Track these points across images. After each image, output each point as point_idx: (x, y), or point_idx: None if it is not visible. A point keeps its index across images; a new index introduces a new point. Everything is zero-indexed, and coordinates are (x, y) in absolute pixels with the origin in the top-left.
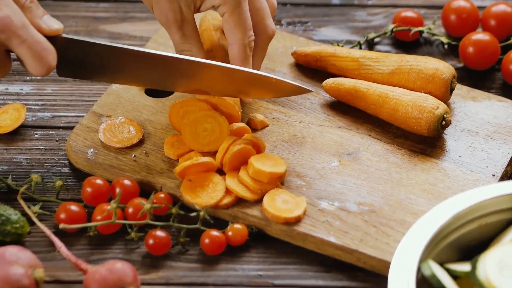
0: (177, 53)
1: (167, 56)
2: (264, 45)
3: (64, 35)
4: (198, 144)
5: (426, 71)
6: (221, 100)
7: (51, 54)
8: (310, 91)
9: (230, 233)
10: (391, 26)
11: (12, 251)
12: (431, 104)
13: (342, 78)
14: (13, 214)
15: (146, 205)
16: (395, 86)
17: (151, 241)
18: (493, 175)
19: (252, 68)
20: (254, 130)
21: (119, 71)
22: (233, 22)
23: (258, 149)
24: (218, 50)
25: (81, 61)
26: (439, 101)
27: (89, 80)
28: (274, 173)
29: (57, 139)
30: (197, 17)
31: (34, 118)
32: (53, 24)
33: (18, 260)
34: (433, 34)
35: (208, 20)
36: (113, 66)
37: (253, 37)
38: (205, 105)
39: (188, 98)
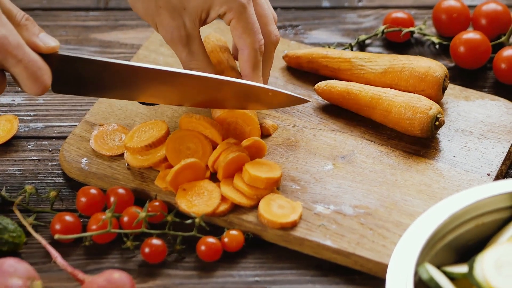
0: None
1: (166, 70)
2: (270, 51)
3: (60, 52)
4: (178, 161)
5: (419, 70)
6: (244, 115)
7: (46, 73)
8: (308, 101)
9: (226, 240)
10: (382, 28)
11: (10, 263)
12: (424, 105)
13: (334, 81)
14: (10, 223)
15: (141, 213)
16: (388, 85)
17: (147, 250)
18: (488, 175)
19: (262, 75)
20: (267, 135)
21: (116, 86)
22: (241, 28)
23: (260, 153)
24: (229, 72)
25: (77, 78)
26: (432, 101)
27: (86, 96)
28: (271, 178)
29: (50, 149)
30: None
31: (26, 129)
32: (50, 42)
33: (16, 271)
34: (424, 34)
35: (212, 42)
36: (110, 81)
37: (263, 41)
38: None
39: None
